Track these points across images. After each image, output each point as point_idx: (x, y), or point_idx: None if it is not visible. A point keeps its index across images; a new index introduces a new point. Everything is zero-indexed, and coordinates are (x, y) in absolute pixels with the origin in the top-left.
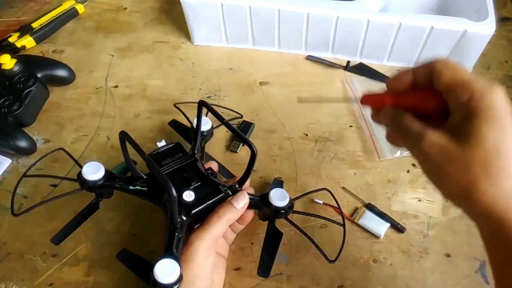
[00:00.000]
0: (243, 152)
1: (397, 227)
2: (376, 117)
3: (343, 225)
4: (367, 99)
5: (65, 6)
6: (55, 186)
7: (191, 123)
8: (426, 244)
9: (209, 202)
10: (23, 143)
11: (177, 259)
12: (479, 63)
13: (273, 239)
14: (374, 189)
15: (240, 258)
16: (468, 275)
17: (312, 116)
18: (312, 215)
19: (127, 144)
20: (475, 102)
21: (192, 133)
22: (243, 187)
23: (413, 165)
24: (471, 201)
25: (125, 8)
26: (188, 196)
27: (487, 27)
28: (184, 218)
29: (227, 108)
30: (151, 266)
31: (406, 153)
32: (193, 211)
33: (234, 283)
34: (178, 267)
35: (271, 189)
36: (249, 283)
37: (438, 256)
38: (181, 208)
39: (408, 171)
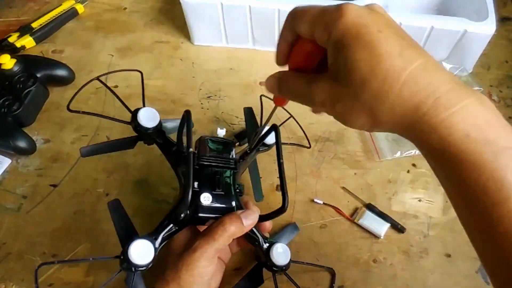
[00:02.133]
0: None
1: (397, 227)
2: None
3: None
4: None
5: (65, 6)
6: (55, 186)
7: (247, 128)
8: (426, 244)
9: (216, 216)
10: (22, 143)
11: (155, 245)
12: (479, 63)
13: (251, 282)
14: (374, 189)
15: (240, 259)
16: (468, 275)
17: (312, 116)
18: (296, 285)
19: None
20: (329, 35)
21: (252, 137)
22: (249, 206)
23: (413, 165)
24: (396, 128)
25: (125, 8)
26: (205, 199)
27: (487, 27)
28: (188, 215)
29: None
30: (131, 239)
31: (406, 153)
32: (199, 215)
33: (234, 283)
34: (153, 251)
35: (283, 235)
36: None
37: (438, 256)
38: (191, 205)
39: (408, 171)
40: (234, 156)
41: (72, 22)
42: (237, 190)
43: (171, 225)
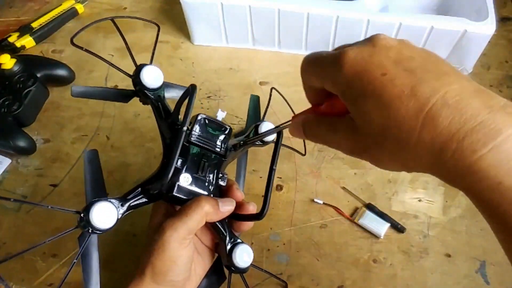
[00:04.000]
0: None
1: (397, 227)
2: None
3: None
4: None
5: (65, 6)
6: (55, 186)
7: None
8: (426, 244)
9: (190, 198)
10: (22, 143)
11: (119, 212)
12: (479, 63)
13: (213, 279)
14: (374, 189)
15: None
16: (468, 275)
17: None
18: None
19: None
20: (336, 88)
21: (249, 130)
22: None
23: None
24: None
25: (125, 8)
26: (185, 179)
27: (487, 27)
28: (162, 191)
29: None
30: (98, 196)
31: None
32: (174, 194)
33: (234, 282)
34: (115, 218)
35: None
36: (248, 283)
37: (438, 256)
38: (169, 181)
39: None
40: (227, 144)
41: (72, 22)
42: (220, 177)
43: (142, 196)
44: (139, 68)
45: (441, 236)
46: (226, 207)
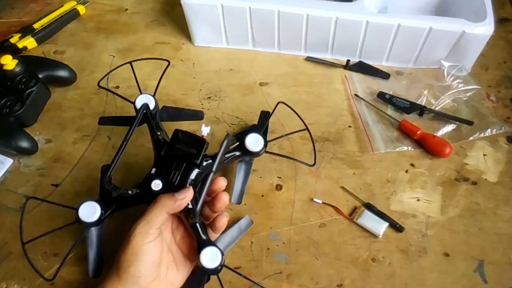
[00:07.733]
0: None
1: (395, 227)
2: None
3: None
4: None
5: (67, 7)
6: (56, 186)
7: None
8: (424, 243)
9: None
10: (24, 143)
11: (103, 208)
12: (478, 63)
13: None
14: (373, 189)
15: (240, 257)
16: (466, 275)
17: (311, 117)
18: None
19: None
20: None
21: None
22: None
23: (412, 165)
24: None
25: (126, 9)
26: (156, 185)
27: (486, 28)
28: (136, 193)
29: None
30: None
31: (399, 148)
32: (145, 196)
33: (234, 282)
34: (100, 212)
35: (235, 229)
36: (248, 282)
37: (437, 256)
38: (143, 187)
39: (406, 171)
40: (202, 154)
41: (73, 23)
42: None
43: (116, 198)
44: (135, 98)
45: (439, 236)
46: (182, 195)
